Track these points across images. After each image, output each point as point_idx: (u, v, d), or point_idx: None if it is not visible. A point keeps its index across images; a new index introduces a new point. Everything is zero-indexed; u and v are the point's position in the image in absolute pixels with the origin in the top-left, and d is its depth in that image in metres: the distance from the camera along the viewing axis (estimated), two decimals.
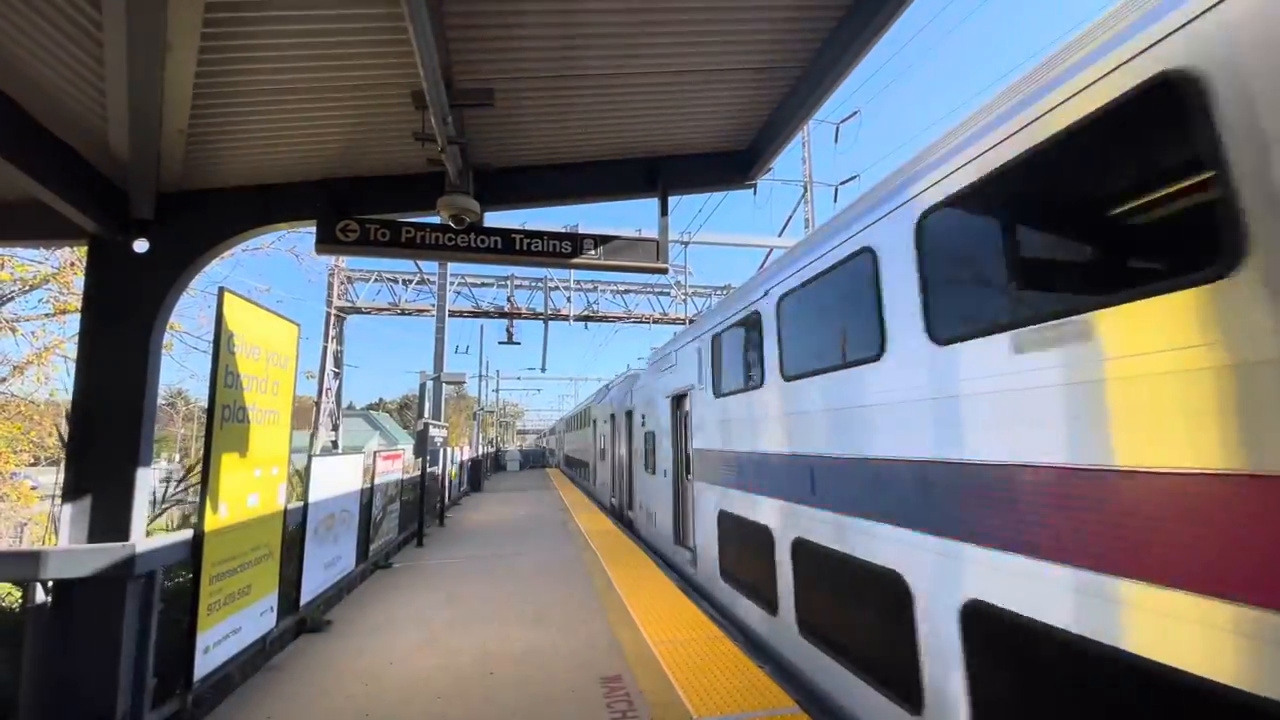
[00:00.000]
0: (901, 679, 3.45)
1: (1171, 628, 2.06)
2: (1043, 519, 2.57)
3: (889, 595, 3.55)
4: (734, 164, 5.50)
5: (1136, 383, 2.20)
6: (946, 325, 3.25)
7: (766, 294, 5.52)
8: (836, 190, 19.12)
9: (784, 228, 19.02)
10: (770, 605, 5.22)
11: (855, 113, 19.80)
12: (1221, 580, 1.93)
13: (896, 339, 3.64)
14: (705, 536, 7.10)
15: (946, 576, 3.15)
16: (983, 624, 2.93)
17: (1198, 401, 2.00)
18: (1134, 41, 2.25)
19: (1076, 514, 2.41)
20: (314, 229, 4.75)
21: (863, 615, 4.06)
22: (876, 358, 3.81)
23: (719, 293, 22.89)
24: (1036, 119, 2.67)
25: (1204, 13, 2.01)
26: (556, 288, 22.10)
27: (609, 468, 16.02)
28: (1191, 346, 2.03)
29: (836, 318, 4.52)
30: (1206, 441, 1.97)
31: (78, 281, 8.85)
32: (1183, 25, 2.08)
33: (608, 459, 16.26)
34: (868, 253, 3.93)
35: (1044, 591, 2.54)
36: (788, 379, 5.05)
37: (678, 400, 8.69)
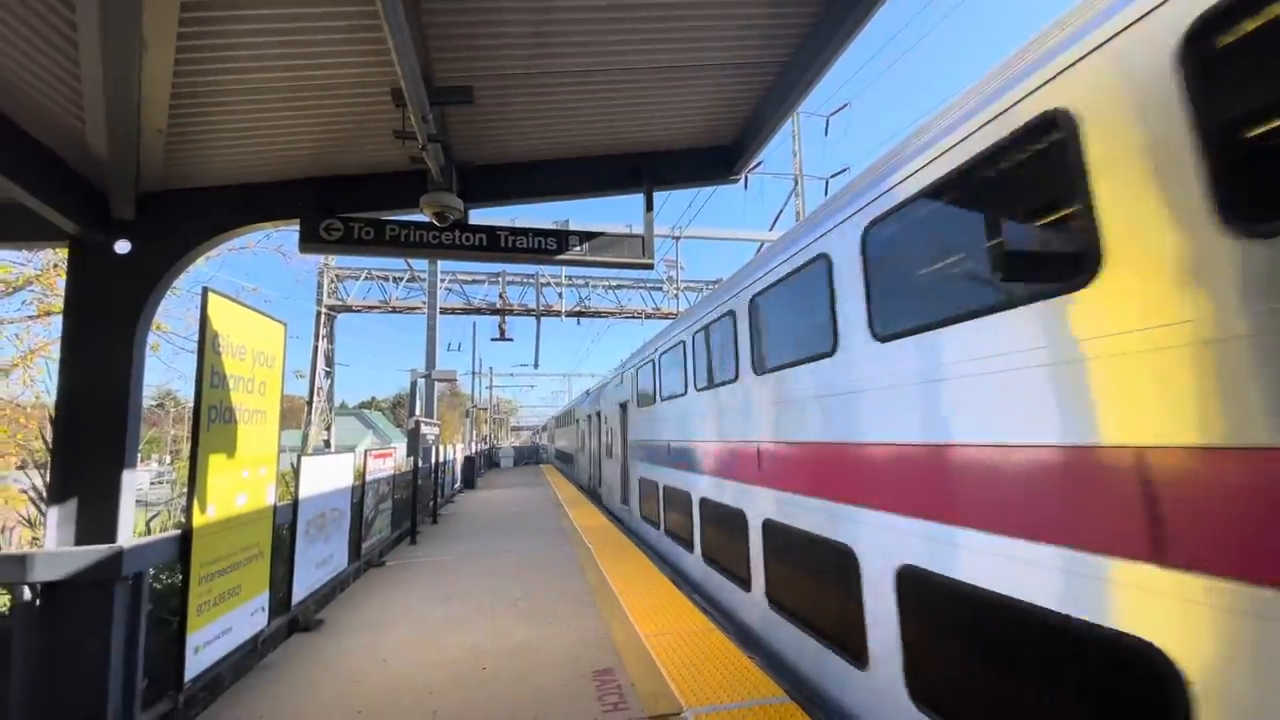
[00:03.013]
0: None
1: None
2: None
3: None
4: (719, 159, 5.50)
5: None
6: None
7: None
8: (827, 183, 19.16)
9: (774, 221, 19.05)
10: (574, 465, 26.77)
11: (845, 105, 19.84)
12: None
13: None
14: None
15: None
16: None
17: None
18: None
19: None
20: (298, 228, 4.74)
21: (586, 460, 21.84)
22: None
23: (710, 286, 22.95)
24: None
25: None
26: (548, 283, 22.06)
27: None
28: None
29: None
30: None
31: (61, 283, 8.77)
32: None
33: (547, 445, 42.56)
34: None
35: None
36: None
37: (544, 430, 51.31)
